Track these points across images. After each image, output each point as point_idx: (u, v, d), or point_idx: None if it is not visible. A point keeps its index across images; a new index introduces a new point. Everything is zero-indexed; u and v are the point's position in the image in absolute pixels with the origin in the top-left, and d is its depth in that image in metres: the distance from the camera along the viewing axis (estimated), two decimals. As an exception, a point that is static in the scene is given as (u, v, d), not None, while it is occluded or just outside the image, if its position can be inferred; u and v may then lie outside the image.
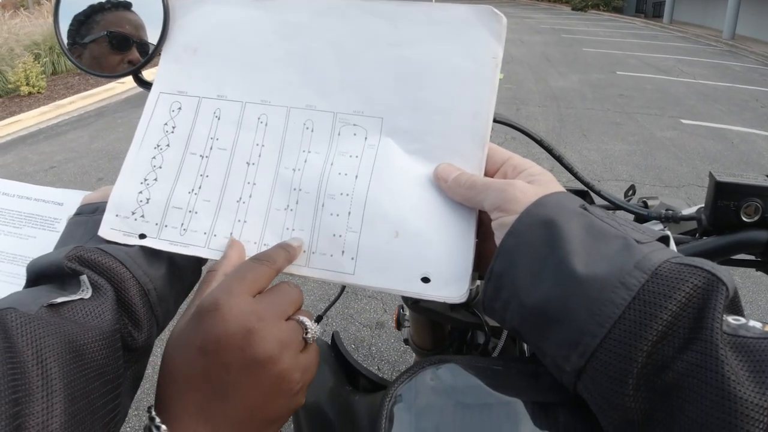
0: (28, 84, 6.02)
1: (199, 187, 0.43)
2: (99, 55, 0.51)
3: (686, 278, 0.28)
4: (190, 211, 0.43)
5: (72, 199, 0.50)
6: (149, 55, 0.49)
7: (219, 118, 0.45)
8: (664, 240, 0.34)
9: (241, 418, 0.33)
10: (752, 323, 0.28)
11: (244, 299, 0.34)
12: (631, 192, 0.66)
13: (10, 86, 6.08)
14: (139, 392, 0.43)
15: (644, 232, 0.33)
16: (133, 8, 0.50)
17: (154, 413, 0.33)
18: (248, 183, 0.43)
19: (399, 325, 1.00)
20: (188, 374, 0.33)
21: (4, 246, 0.48)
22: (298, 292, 0.37)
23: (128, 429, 1.53)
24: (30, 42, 6.88)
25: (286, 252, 0.39)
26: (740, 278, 2.43)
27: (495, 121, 0.45)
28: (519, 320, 0.34)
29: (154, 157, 0.45)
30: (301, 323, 0.36)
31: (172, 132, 0.45)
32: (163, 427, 0.32)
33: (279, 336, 0.34)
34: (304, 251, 0.41)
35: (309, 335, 0.36)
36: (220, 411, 0.33)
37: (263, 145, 0.44)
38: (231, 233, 0.42)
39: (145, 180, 0.44)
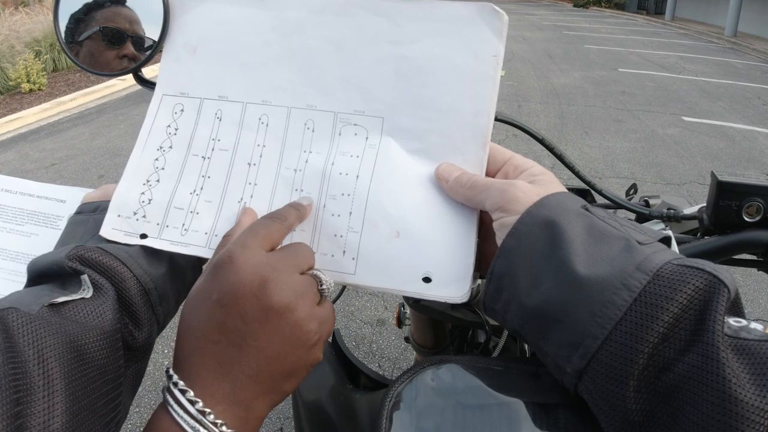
0: (29, 81, 6.02)
1: (201, 188, 0.43)
2: (95, 51, 0.51)
3: (688, 280, 0.28)
4: (191, 212, 0.43)
5: (75, 197, 0.50)
6: (150, 52, 0.49)
7: (220, 119, 0.45)
8: (666, 241, 0.34)
9: (259, 370, 0.33)
10: (753, 325, 0.28)
11: (258, 251, 0.34)
12: (632, 191, 0.66)
13: (11, 83, 6.08)
14: (140, 389, 0.43)
15: (646, 232, 0.33)
16: (127, 4, 0.50)
17: (172, 371, 0.33)
18: (249, 183, 0.43)
19: (400, 323, 1.00)
20: (206, 328, 0.33)
21: (6, 243, 0.48)
22: (311, 251, 0.38)
23: (129, 426, 1.53)
24: (31, 39, 6.88)
25: (296, 211, 0.40)
26: (741, 277, 2.43)
27: (496, 119, 0.45)
28: (520, 321, 0.34)
29: (156, 159, 0.45)
30: (316, 277, 0.36)
31: (175, 134, 0.45)
32: (181, 383, 0.32)
33: (294, 286, 0.34)
34: None
35: (324, 287, 0.36)
36: (237, 363, 0.32)
37: (264, 146, 0.44)
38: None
39: (148, 181, 0.44)
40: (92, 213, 0.45)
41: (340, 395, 0.65)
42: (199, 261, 0.45)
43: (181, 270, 0.44)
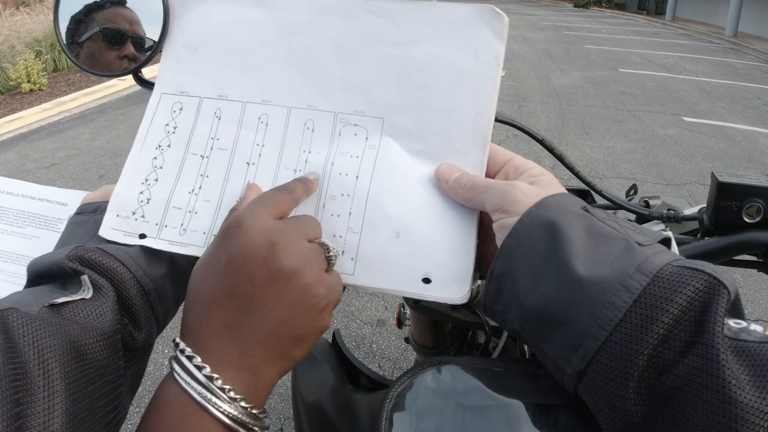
0: (29, 81, 6.02)
1: (200, 187, 0.43)
2: (95, 51, 0.51)
3: (688, 281, 0.28)
4: (190, 211, 0.43)
5: (76, 200, 0.50)
6: (150, 52, 0.49)
7: (220, 118, 0.45)
8: (666, 242, 0.34)
9: (268, 334, 0.33)
10: (753, 327, 0.28)
11: (267, 218, 0.34)
12: (632, 191, 0.66)
13: (11, 83, 6.08)
14: (140, 389, 0.43)
15: (646, 234, 0.33)
16: (128, 4, 0.50)
17: (178, 339, 0.33)
18: (248, 183, 0.43)
19: (400, 323, 1.00)
20: (214, 293, 0.33)
21: (7, 245, 0.48)
22: (318, 224, 0.38)
23: (129, 426, 1.53)
24: (31, 39, 6.88)
25: (303, 184, 0.40)
26: (742, 277, 2.43)
27: (497, 120, 0.45)
28: (520, 322, 0.34)
29: (155, 158, 0.44)
30: (323, 245, 0.36)
31: (174, 132, 0.45)
32: (189, 350, 0.32)
33: (302, 251, 0.34)
34: None
35: (331, 254, 0.36)
36: (246, 328, 0.32)
37: (263, 145, 0.43)
38: None
39: (146, 180, 0.44)
40: (92, 213, 0.45)
41: (340, 396, 0.65)
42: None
43: (180, 271, 0.44)
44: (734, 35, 11.38)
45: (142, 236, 0.42)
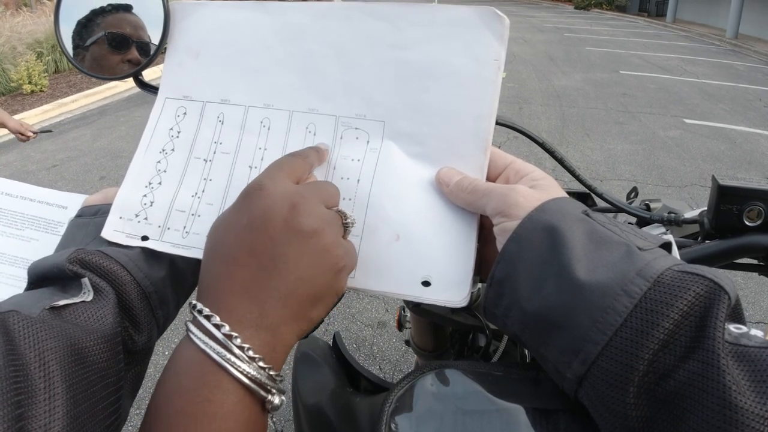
0: (30, 82, 6.04)
1: (203, 191, 0.43)
2: (99, 56, 0.51)
3: (688, 286, 0.28)
4: (192, 214, 0.43)
5: (77, 203, 0.49)
6: (150, 56, 0.49)
7: (222, 123, 0.45)
8: (667, 246, 0.34)
9: (288, 292, 0.33)
10: (754, 332, 0.28)
11: (286, 181, 0.35)
12: (633, 194, 0.66)
13: (12, 84, 6.10)
14: (141, 391, 0.43)
15: (646, 238, 0.33)
16: (133, 10, 0.50)
17: (195, 301, 0.33)
18: None
19: (400, 326, 1.00)
20: (234, 252, 0.33)
21: (5, 248, 0.48)
22: (336, 190, 0.38)
23: (129, 428, 1.53)
24: (32, 40, 6.90)
25: (316, 152, 0.41)
26: (743, 279, 2.43)
27: (498, 123, 0.45)
28: (520, 326, 0.34)
29: (159, 162, 0.45)
30: (341, 212, 0.37)
31: (177, 137, 0.45)
32: (206, 309, 0.32)
33: (321, 214, 0.34)
34: None
35: (348, 221, 0.37)
36: (266, 286, 0.32)
37: (266, 149, 0.44)
38: None
39: (150, 184, 0.44)
40: (93, 216, 0.45)
41: (341, 398, 0.65)
42: (200, 264, 0.45)
43: (181, 274, 0.44)
44: (735, 37, 11.38)
45: (145, 238, 0.43)
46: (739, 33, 11.51)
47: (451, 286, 0.38)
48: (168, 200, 0.43)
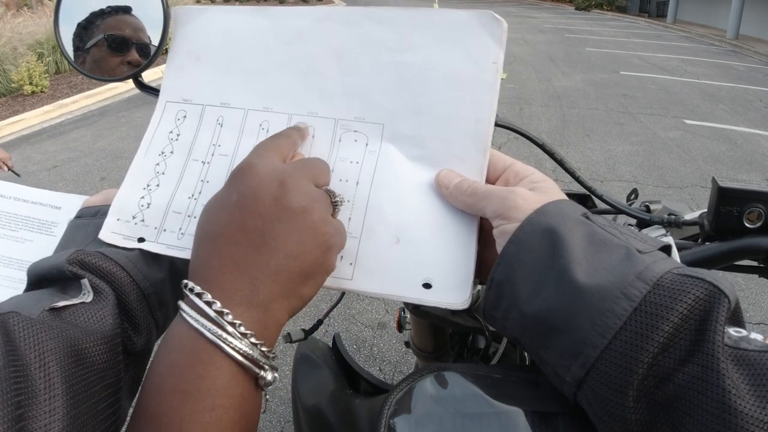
0: (31, 83, 6.04)
1: (200, 193, 0.43)
2: (99, 58, 0.51)
3: (688, 289, 0.28)
4: (189, 216, 0.43)
5: (70, 203, 0.49)
6: (150, 58, 0.49)
7: (222, 126, 0.45)
8: (666, 249, 0.34)
9: (278, 269, 0.33)
10: (753, 336, 0.27)
11: (275, 159, 0.36)
12: (633, 196, 0.66)
13: (13, 85, 6.10)
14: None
15: (646, 241, 0.33)
16: (133, 12, 0.50)
17: (186, 280, 0.33)
18: None
19: (400, 327, 1.00)
20: (225, 229, 0.33)
21: (0, 249, 0.48)
22: (327, 167, 0.39)
23: (130, 429, 1.53)
24: (33, 41, 6.91)
25: (297, 131, 0.41)
26: (743, 281, 2.43)
27: (497, 125, 0.45)
28: (520, 329, 0.34)
29: (157, 164, 0.45)
30: (329, 191, 0.37)
31: (177, 139, 0.45)
32: (198, 288, 0.32)
33: (310, 192, 0.35)
34: None
35: (337, 199, 0.37)
36: (256, 262, 0.32)
37: None
38: None
39: (148, 186, 0.44)
40: (92, 217, 0.45)
41: (340, 400, 0.65)
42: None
43: (180, 275, 0.44)
44: (735, 37, 11.39)
45: (141, 240, 0.43)
46: (739, 33, 11.51)
47: (452, 289, 0.38)
48: (165, 202, 0.43)
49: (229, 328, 0.31)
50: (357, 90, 0.43)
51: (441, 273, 0.38)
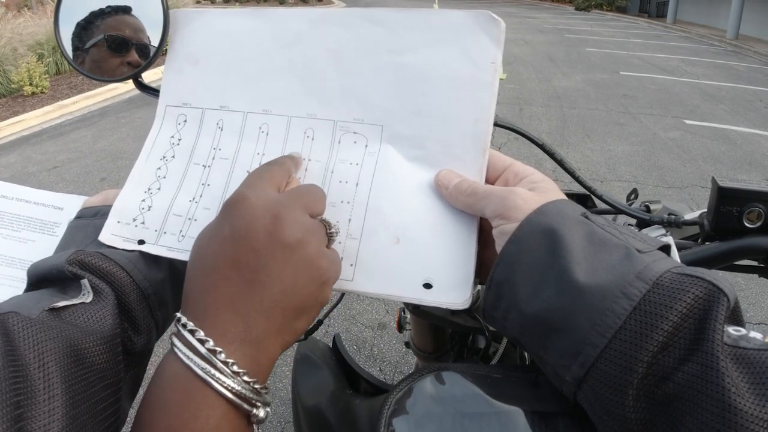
0: (31, 84, 6.04)
1: (200, 196, 0.43)
2: (99, 59, 0.51)
3: (687, 289, 0.28)
4: (189, 219, 0.43)
5: (72, 204, 0.50)
6: (150, 58, 0.49)
7: (222, 129, 0.45)
8: (666, 249, 0.34)
9: (272, 305, 0.32)
10: (753, 334, 0.27)
11: (268, 190, 0.35)
12: (633, 196, 0.66)
13: (13, 86, 6.10)
14: (141, 392, 0.43)
15: (645, 240, 0.33)
16: (132, 12, 0.50)
17: (180, 314, 0.33)
18: None
19: (401, 327, 1.00)
20: (217, 264, 0.33)
21: (3, 249, 0.48)
22: (322, 194, 0.38)
23: (130, 429, 1.53)
24: (33, 42, 6.91)
25: (291, 159, 0.41)
26: (744, 280, 2.43)
27: (497, 125, 0.45)
28: (519, 329, 0.34)
29: (159, 168, 0.45)
30: (324, 221, 0.36)
31: (178, 144, 0.46)
32: (191, 324, 0.31)
33: (305, 225, 0.34)
34: None
35: (332, 230, 0.36)
36: (250, 299, 0.32)
37: (264, 154, 0.44)
38: None
39: (149, 189, 0.45)
40: (92, 218, 0.45)
41: (340, 400, 0.65)
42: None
43: (180, 276, 0.44)
44: (735, 38, 11.39)
45: (141, 242, 0.43)
46: (739, 34, 11.51)
47: (453, 289, 0.38)
48: (166, 205, 0.44)
49: (222, 367, 0.30)
50: (356, 91, 0.43)
51: (441, 273, 0.38)
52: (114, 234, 0.43)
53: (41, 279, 0.39)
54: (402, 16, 0.42)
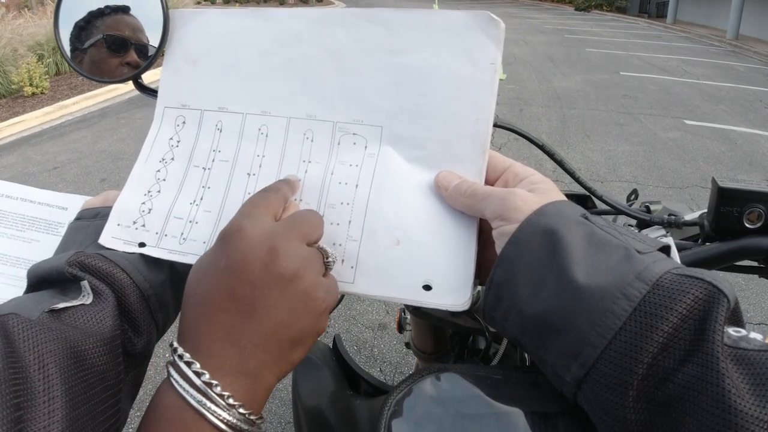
0: (31, 84, 6.04)
1: (201, 198, 0.43)
2: (98, 59, 0.51)
3: (687, 289, 0.28)
4: (190, 221, 0.43)
5: (76, 204, 0.50)
6: (149, 59, 0.49)
7: (221, 131, 0.45)
8: (665, 250, 0.34)
9: (268, 337, 0.32)
10: (753, 335, 0.27)
11: (264, 220, 0.35)
12: (633, 196, 0.66)
13: (13, 87, 6.10)
14: (141, 393, 0.43)
15: (645, 241, 0.33)
16: (131, 12, 0.50)
17: (176, 344, 0.33)
18: (248, 193, 0.43)
19: (401, 328, 1.01)
20: (213, 296, 0.33)
21: (7, 249, 0.48)
22: (319, 220, 0.37)
23: (130, 430, 1.53)
24: (33, 42, 6.91)
25: (286, 183, 0.40)
26: (744, 280, 2.43)
27: (496, 125, 0.45)
28: (519, 330, 0.33)
29: (158, 170, 0.45)
30: (322, 249, 0.36)
31: (177, 146, 0.46)
32: (187, 355, 0.31)
33: (302, 255, 0.34)
34: None
35: (330, 259, 0.36)
36: (246, 332, 0.32)
37: (264, 156, 0.44)
38: None
39: (149, 191, 0.44)
40: (92, 219, 0.45)
41: (340, 401, 0.65)
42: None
43: (180, 277, 0.44)
44: (735, 38, 11.39)
45: (142, 245, 0.43)
46: (739, 34, 11.51)
47: (453, 290, 0.38)
48: (166, 207, 0.43)
49: (217, 399, 0.30)
50: (355, 92, 0.43)
51: (441, 274, 0.38)
52: (114, 237, 0.43)
53: (41, 280, 0.39)
54: (402, 17, 0.42)
